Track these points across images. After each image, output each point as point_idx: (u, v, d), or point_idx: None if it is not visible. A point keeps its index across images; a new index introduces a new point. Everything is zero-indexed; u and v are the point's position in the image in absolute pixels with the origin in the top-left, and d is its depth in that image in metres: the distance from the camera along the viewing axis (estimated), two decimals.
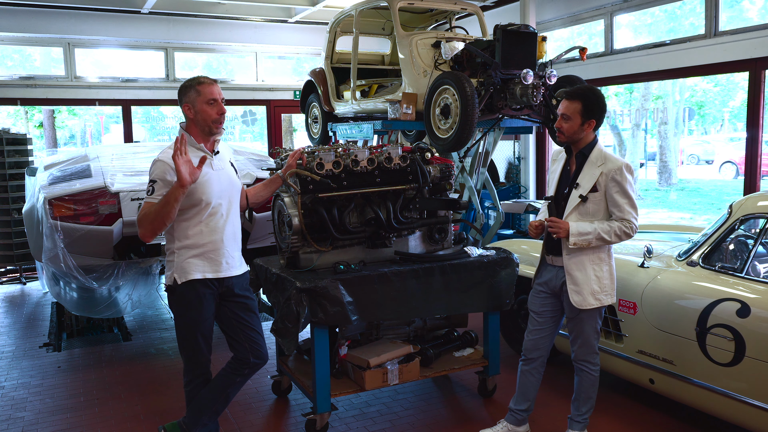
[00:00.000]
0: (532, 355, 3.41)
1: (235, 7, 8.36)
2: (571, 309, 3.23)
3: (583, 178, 3.15)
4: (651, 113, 15.73)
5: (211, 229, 3.01)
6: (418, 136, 6.30)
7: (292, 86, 9.51)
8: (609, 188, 3.10)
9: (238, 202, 3.20)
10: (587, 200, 3.12)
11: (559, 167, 3.33)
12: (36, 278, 7.85)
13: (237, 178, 3.22)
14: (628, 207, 3.08)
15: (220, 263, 3.04)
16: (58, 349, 5.32)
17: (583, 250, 3.13)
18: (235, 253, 3.13)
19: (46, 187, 4.81)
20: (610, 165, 3.10)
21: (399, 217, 3.76)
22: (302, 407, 4.01)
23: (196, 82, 2.97)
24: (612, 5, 6.86)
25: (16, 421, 3.93)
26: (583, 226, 3.09)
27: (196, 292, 3.00)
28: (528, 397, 3.46)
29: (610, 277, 3.20)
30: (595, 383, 3.31)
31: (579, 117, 3.13)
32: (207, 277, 3.01)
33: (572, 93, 3.16)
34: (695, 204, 13.28)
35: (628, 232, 3.08)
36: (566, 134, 3.18)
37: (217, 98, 2.98)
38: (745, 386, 3.11)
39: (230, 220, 3.10)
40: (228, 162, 3.19)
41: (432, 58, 5.21)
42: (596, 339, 3.27)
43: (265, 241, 5.56)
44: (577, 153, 3.23)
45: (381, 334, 4.08)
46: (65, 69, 8.20)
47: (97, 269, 4.84)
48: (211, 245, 3.01)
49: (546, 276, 3.35)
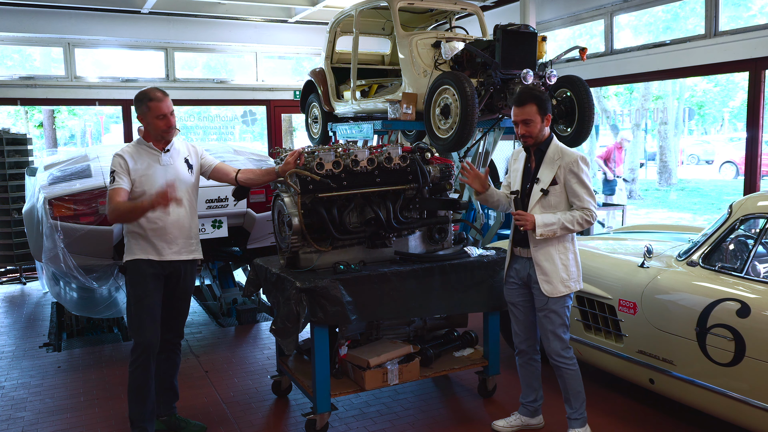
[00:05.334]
0: (522, 347, 3.57)
1: (235, 7, 8.36)
2: (541, 299, 3.34)
3: (543, 173, 3.31)
4: (651, 113, 15.73)
5: (157, 216, 3.33)
6: (418, 136, 6.30)
7: (292, 86, 9.51)
8: (568, 180, 3.26)
9: (186, 195, 3.46)
10: (548, 193, 3.28)
11: (521, 165, 3.46)
12: (36, 278, 7.85)
13: (188, 173, 3.51)
14: (586, 196, 3.24)
15: (164, 247, 3.37)
16: (58, 349, 5.32)
17: (549, 240, 3.28)
18: (179, 240, 3.43)
19: (46, 187, 4.81)
20: (567, 158, 3.27)
21: (399, 217, 3.76)
22: (302, 407, 4.01)
23: (147, 98, 3.33)
24: (612, 5, 6.86)
25: (16, 421, 3.93)
26: (547, 217, 3.24)
27: (140, 271, 3.35)
28: (533, 388, 3.60)
29: (576, 264, 3.36)
30: (576, 377, 3.37)
31: (538, 116, 3.28)
32: (150, 258, 3.35)
33: (521, 99, 3.31)
34: (695, 204, 13.28)
35: (589, 219, 3.24)
36: (533, 137, 3.33)
37: (166, 113, 3.35)
38: (745, 386, 3.11)
39: (175, 209, 3.38)
40: (182, 159, 3.51)
41: (432, 58, 5.21)
42: (565, 332, 3.36)
43: (265, 241, 5.56)
44: (536, 150, 3.38)
45: (381, 334, 4.08)
46: (65, 69, 8.20)
47: (97, 269, 4.84)
48: (154, 231, 3.34)
49: (515, 267, 3.49)
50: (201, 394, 4.28)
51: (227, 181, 3.69)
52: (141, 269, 3.35)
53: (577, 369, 3.37)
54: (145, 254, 3.35)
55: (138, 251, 3.36)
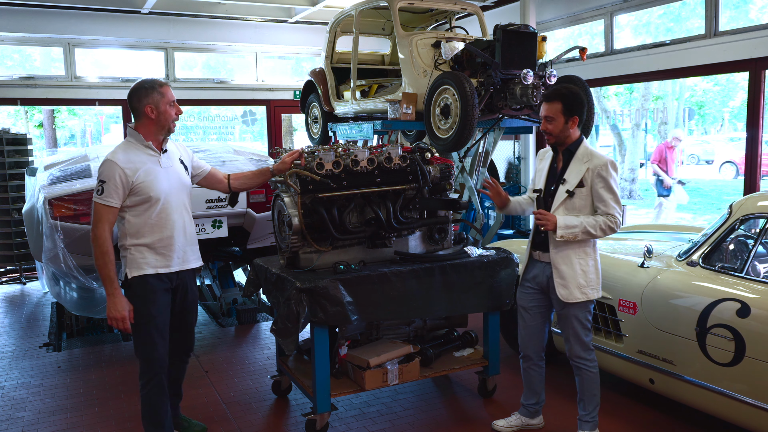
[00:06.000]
0: (528, 351, 3.53)
1: (235, 7, 8.35)
2: (558, 303, 3.30)
3: (570, 174, 3.25)
4: (651, 113, 15.73)
5: (162, 224, 3.10)
6: (418, 136, 6.30)
7: (292, 86, 9.51)
8: (594, 184, 3.19)
9: (187, 198, 3.29)
10: (574, 195, 3.21)
11: (547, 164, 3.42)
12: (36, 278, 7.85)
13: (187, 176, 3.31)
14: (612, 202, 3.17)
15: (172, 258, 3.15)
16: (58, 349, 5.32)
17: (569, 244, 3.22)
18: (187, 248, 3.23)
19: (46, 187, 4.81)
20: (595, 161, 3.20)
21: (399, 217, 3.76)
22: (302, 407, 4.01)
23: (158, 84, 3.13)
24: (612, 5, 6.86)
25: (16, 421, 3.93)
26: (569, 219, 3.18)
27: (149, 287, 3.09)
28: (535, 391, 3.58)
29: (596, 272, 3.29)
30: (594, 380, 3.34)
31: (561, 116, 3.22)
32: (159, 272, 3.11)
33: (550, 95, 3.27)
34: (695, 204, 13.27)
35: (612, 226, 3.16)
36: (554, 135, 3.28)
37: (174, 100, 3.18)
38: (745, 386, 3.11)
39: (181, 215, 3.19)
40: (177, 160, 3.28)
41: (432, 58, 5.21)
42: (586, 335, 3.32)
43: (265, 241, 5.56)
44: (564, 150, 3.32)
45: (381, 334, 4.08)
46: (65, 69, 8.20)
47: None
48: (162, 240, 3.11)
49: (533, 272, 3.44)
50: (201, 394, 4.28)
51: (221, 189, 3.53)
52: (151, 285, 3.09)
53: (596, 372, 3.34)
54: (153, 268, 3.09)
55: (145, 265, 3.08)
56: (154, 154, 3.14)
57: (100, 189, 3.00)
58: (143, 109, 3.10)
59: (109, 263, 2.98)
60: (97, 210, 3.00)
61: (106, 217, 2.99)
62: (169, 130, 3.18)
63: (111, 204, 3.00)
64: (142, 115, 3.12)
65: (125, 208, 3.06)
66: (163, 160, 3.16)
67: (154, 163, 3.12)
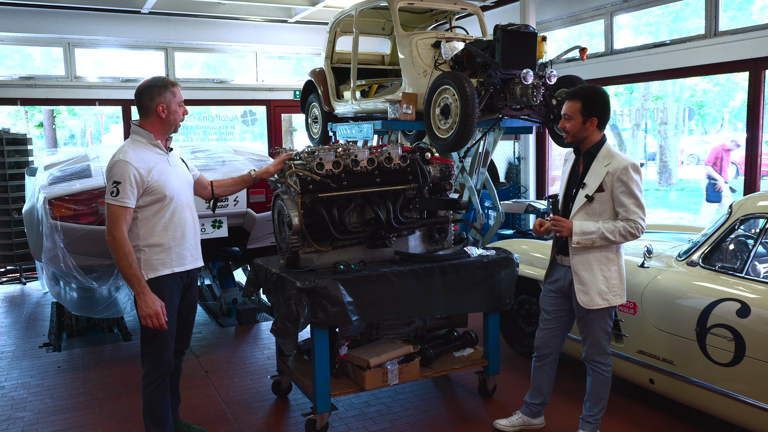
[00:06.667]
0: (543, 352, 3.49)
1: (235, 7, 8.36)
2: (579, 309, 3.24)
3: (590, 178, 3.16)
4: (651, 113, 15.72)
5: (176, 223, 3.10)
6: (418, 136, 6.30)
7: (292, 86, 9.51)
8: (615, 188, 3.09)
9: (192, 196, 3.30)
10: (593, 200, 3.12)
11: (569, 167, 3.35)
12: (36, 278, 7.85)
13: (189, 174, 3.33)
14: (634, 207, 3.06)
15: (186, 256, 3.16)
16: (58, 349, 5.32)
17: (589, 249, 3.14)
18: (197, 245, 3.26)
19: (46, 187, 4.81)
20: (615, 164, 3.09)
21: (399, 217, 3.76)
22: (302, 407, 4.01)
23: (169, 83, 3.10)
24: (612, 5, 6.86)
25: (16, 421, 3.93)
26: (586, 225, 3.10)
27: (165, 288, 3.06)
28: (542, 392, 3.56)
29: (619, 277, 3.19)
30: (606, 384, 3.32)
31: (579, 116, 3.14)
32: (175, 272, 3.10)
33: (572, 93, 3.21)
34: (695, 204, 13.26)
35: (634, 232, 3.06)
36: (570, 134, 3.21)
37: (183, 100, 3.18)
38: (745, 386, 3.11)
39: (191, 213, 3.22)
40: (179, 158, 3.29)
41: (432, 58, 5.21)
42: (606, 340, 3.27)
43: (265, 241, 5.56)
44: (585, 153, 3.24)
45: (381, 334, 4.08)
46: (65, 69, 8.20)
47: (97, 269, 4.83)
48: (176, 239, 3.11)
49: (555, 275, 3.39)
50: (201, 394, 4.28)
51: (204, 195, 3.51)
52: (167, 286, 3.07)
53: (609, 377, 3.31)
54: (169, 268, 3.06)
55: (160, 266, 3.04)
56: (162, 153, 3.12)
57: (115, 190, 2.91)
58: (155, 108, 3.05)
59: (134, 263, 2.93)
60: (113, 212, 2.91)
61: (123, 218, 2.92)
62: (175, 130, 3.18)
63: (127, 204, 2.93)
64: (152, 114, 3.07)
65: (136, 209, 3.00)
66: (171, 159, 3.16)
67: (165, 162, 3.10)
